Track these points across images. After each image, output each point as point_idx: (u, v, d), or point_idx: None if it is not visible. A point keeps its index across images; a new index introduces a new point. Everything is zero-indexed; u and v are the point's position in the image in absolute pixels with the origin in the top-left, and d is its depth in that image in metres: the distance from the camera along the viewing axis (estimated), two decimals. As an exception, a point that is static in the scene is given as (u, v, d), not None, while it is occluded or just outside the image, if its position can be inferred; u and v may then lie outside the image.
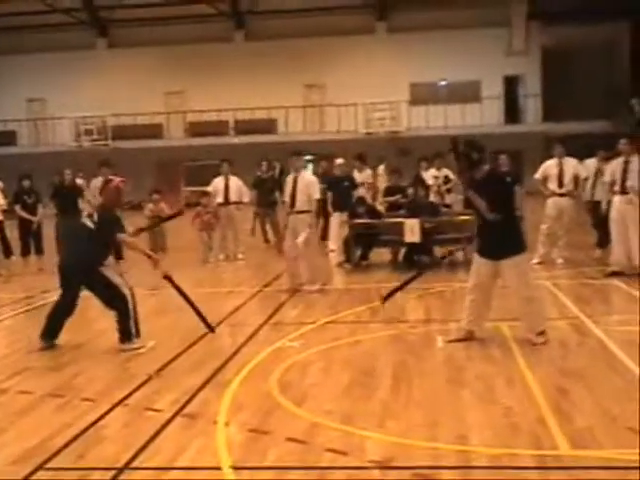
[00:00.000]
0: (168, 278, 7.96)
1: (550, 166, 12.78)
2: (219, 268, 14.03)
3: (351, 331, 8.13)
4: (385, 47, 35.29)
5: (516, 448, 4.62)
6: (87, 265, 7.65)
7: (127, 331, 7.61)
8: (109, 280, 7.73)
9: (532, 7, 33.82)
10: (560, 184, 12.53)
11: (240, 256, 14.73)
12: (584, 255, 13.01)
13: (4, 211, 13.85)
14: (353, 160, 16.12)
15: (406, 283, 8.84)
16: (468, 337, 7.34)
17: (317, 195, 10.92)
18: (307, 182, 10.83)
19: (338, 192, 14.32)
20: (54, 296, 11.29)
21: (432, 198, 14.01)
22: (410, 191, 13.12)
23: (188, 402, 5.80)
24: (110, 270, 7.90)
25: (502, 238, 7.10)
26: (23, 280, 13.23)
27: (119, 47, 36.77)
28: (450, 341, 7.35)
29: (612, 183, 10.86)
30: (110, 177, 9.50)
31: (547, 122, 33.15)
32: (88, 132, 34.76)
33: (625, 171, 10.62)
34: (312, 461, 4.59)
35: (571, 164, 12.72)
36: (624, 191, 10.57)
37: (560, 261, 12.45)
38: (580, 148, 13.28)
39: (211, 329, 8.01)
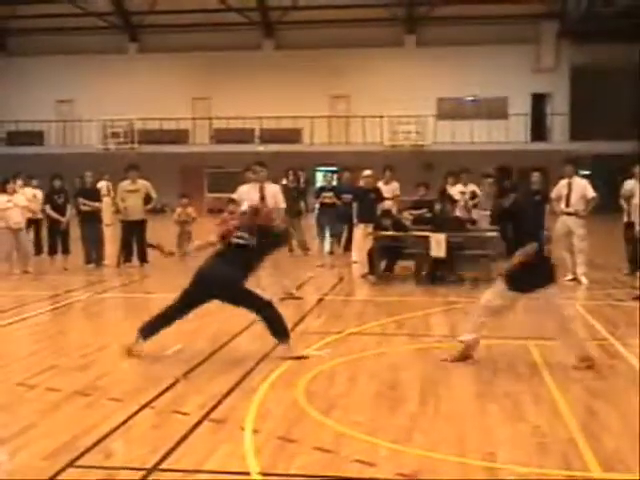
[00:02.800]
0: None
1: (561, 186, 13.01)
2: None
3: (376, 343, 8.13)
4: (413, 61, 35.36)
5: (545, 468, 4.59)
6: (231, 282, 7.54)
7: (280, 329, 7.48)
8: (249, 290, 7.64)
9: (563, 25, 33.78)
10: (567, 203, 12.71)
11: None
12: (611, 277, 12.95)
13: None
14: (381, 172, 16.09)
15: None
16: (469, 356, 7.20)
17: (284, 205, 11.54)
18: (275, 191, 11.35)
19: (364, 204, 14.34)
20: (80, 295, 11.53)
21: (458, 213, 13.97)
22: (437, 206, 13.10)
23: (215, 407, 5.82)
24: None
25: (531, 272, 6.85)
26: (49, 278, 13.35)
27: (149, 52, 37.04)
28: (451, 360, 7.17)
29: (643, 205, 10.81)
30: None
31: (574, 141, 33.06)
32: (115, 135, 35.05)
33: (653, 192, 10.57)
34: (339, 471, 4.58)
35: (580, 184, 12.87)
36: (654, 213, 10.52)
37: (585, 281, 12.44)
38: (606, 169, 13.30)
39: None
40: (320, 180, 33.10)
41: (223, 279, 7.49)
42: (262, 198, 11.00)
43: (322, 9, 34.18)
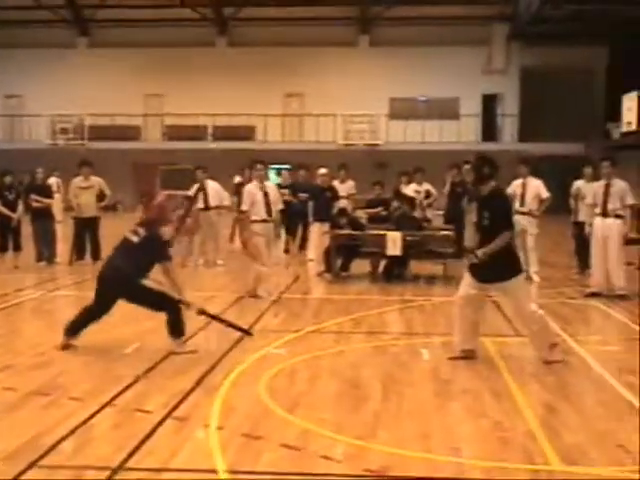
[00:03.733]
0: (203, 312, 7.88)
1: (516, 185, 13.28)
2: (198, 273, 13.98)
3: (335, 341, 8.15)
4: (366, 60, 35.49)
5: (508, 462, 4.68)
6: (126, 279, 7.46)
7: (178, 329, 7.54)
8: (150, 288, 7.55)
9: (513, 27, 34.23)
10: (522, 203, 12.98)
11: (219, 262, 14.71)
12: (562, 275, 13.19)
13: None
14: (336, 171, 16.14)
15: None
16: (469, 356, 7.25)
17: (281, 205, 11.48)
18: (276, 191, 11.16)
19: (320, 202, 14.38)
20: (32, 294, 11.35)
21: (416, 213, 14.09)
22: (395, 204, 13.20)
23: (178, 405, 5.79)
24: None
25: (498, 262, 6.98)
26: (0, 277, 13.11)
27: (100, 47, 36.49)
28: (451, 358, 7.23)
29: (594, 205, 11.01)
30: (160, 192, 9.26)
31: (523, 142, 33.54)
32: (64, 131, 34.52)
33: (606, 194, 10.78)
34: (307, 467, 4.60)
35: (534, 184, 13.13)
36: (605, 213, 10.72)
37: (536, 279, 12.65)
38: (555, 169, 13.60)
39: (249, 333, 8.11)
40: (273, 178, 33.09)
41: (114, 276, 7.50)
42: (266, 196, 10.85)
43: (277, 7, 34.10)
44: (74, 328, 7.62)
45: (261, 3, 34.14)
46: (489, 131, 35.34)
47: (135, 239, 7.56)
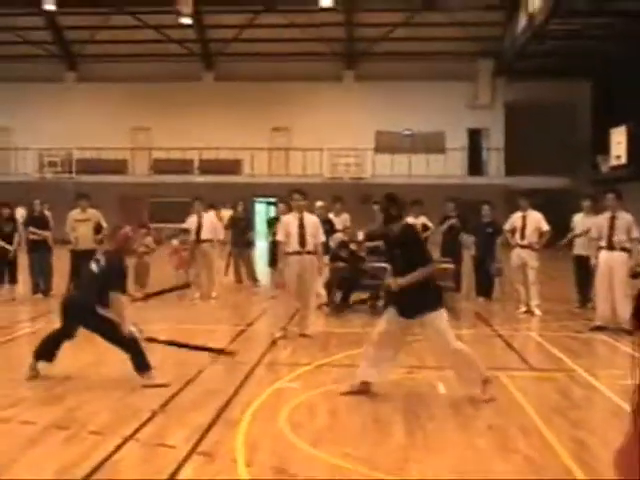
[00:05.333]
0: (152, 340, 7.80)
1: (516, 218, 13.37)
2: (195, 306, 13.85)
3: (348, 374, 7.99)
4: (352, 95, 35.70)
5: (548, 497, 4.62)
6: (84, 307, 7.49)
7: (143, 363, 7.43)
8: (110, 319, 7.51)
9: (498, 63, 34.64)
10: (522, 236, 13.05)
11: (214, 295, 14.60)
12: (563, 309, 13.19)
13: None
14: (332, 203, 16.12)
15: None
16: (364, 389, 7.09)
17: (323, 238, 10.94)
18: (315, 223, 10.73)
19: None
20: (30, 327, 11.19)
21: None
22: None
23: (200, 440, 5.70)
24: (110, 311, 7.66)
25: (417, 296, 6.85)
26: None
27: (88, 81, 36.50)
28: (344, 393, 7.08)
29: (598, 238, 11.03)
30: (122, 225, 9.26)
31: (509, 176, 33.78)
32: (52, 164, 34.38)
33: (612, 227, 10.81)
34: (345, 503, 4.53)
35: (534, 218, 13.18)
36: (611, 246, 10.75)
37: (538, 312, 12.66)
38: (541, 203, 13.71)
39: (228, 353, 7.97)
40: (261, 211, 33.23)
41: (74, 303, 7.64)
42: (301, 227, 10.43)
43: (263, 42, 34.36)
44: (41, 353, 7.71)
45: (248, 39, 34.34)
46: (475, 165, 35.58)
47: (95, 268, 7.65)
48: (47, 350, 7.72)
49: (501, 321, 12.06)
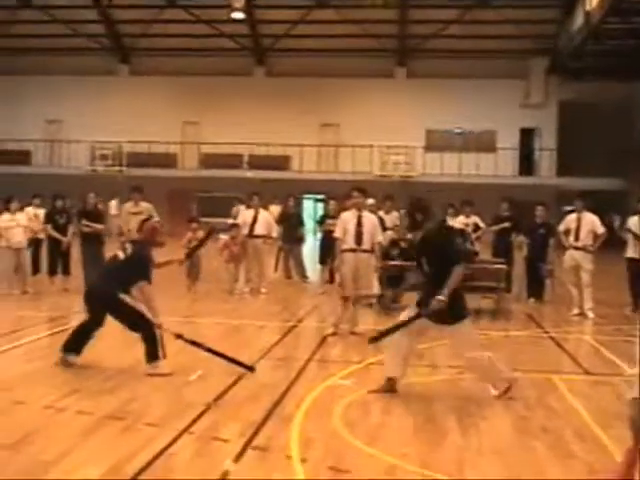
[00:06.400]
0: (180, 337, 7.77)
1: (571, 220, 13.22)
2: (245, 301, 13.92)
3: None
4: (403, 92, 35.54)
5: (609, 504, 4.54)
6: (108, 292, 7.70)
7: (154, 353, 7.62)
8: (131, 306, 7.68)
9: (552, 61, 34.20)
10: (576, 238, 12.88)
11: (263, 290, 14.65)
12: (616, 312, 12.97)
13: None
14: (382, 201, 16.06)
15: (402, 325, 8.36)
16: (392, 387, 7.04)
17: (381, 237, 10.88)
18: (374, 222, 10.67)
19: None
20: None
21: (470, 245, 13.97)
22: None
23: (255, 434, 5.71)
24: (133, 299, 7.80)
25: (450, 303, 6.75)
26: (51, 300, 13.22)
27: (140, 74, 36.97)
28: (372, 392, 7.02)
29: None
30: (149, 216, 9.52)
31: (561, 176, 33.38)
32: (103, 157, 34.85)
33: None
34: (401, 504, 4.50)
35: (589, 219, 13.02)
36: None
37: (591, 315, 12.49)
38: (594, 205, 13.50)
39: (250, 369, 7.63)
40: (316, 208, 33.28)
41: (99, 289, 7.89)
42: (359, 225, 10.35)
43: (314, 38, 34.38)
44: (70, 345, 7.91)
45: (299, 35, 34.39)
46: (526, 165, 35.19)
47: (122, 255, 7.93)
48: (76, 342, 7.94)
49: (553, 323, 11.91)
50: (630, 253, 13.11)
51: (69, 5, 34.13)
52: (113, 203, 16.90)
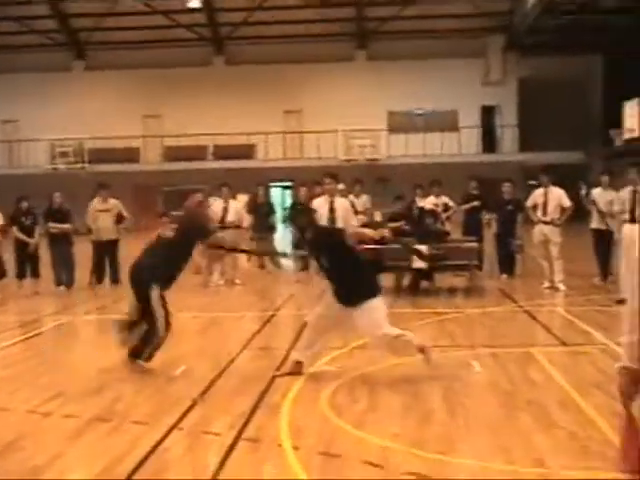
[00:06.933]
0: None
1: (538, 195, 13.37)
2: (221, 293, 13.91)
3: (382, 356, 8.01)
4: (364, 75, 35.56)
5: (598, 471, 4.62)
6: (146, 281, 7.52)
7: (144, 353, 7.49)
8: (164, 301, 7.61)
9: (509, 39, 34.43)
10: (544, 212, 13.05)
11: (238, 281, 14.64)
12: (586, 283, 13.17)
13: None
14: (352, 185, 16.09)
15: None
16: (297, 370, 7.16)
17: (354, 221, 10.97)
18: (346, 207, 10.76)
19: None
20: (59, 320, 11.24)
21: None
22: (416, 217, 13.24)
23: (245, 426, 5.72)
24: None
25: (350, 286, 6.99)
26: (22, 303, 13.09)
27: (96, 69, 36.54)
28: (280, 375, 7.17)
29: (622, 212, 11.02)
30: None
31: (523, 152, 33.69)
32: (64, 154, 34.43)
33: (634, 200, 10.79)
34: (396, 484, 4.56)
35: (556, 194, 13.20)
36: (634, 219, 10.72)
37: (562, 287, 12.67)
38: (556, 178, 13.66)
39: None
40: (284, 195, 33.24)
41: (140, 273, 7.62)
42: (332, 211, 10.55)
43: (272, 24, 34.28)
44: (139, 353, 7.54)
45: (257, 22, 34.23)
46: (489, 142, 35.48)
47: (170, 233, 7.79)
48: (146, 351, 7.55)
49: (526, 297, 12.06)
50: (595, 224, 13.32)
51: (19, 1, 33.59)
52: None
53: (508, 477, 4.61)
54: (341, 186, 14.85)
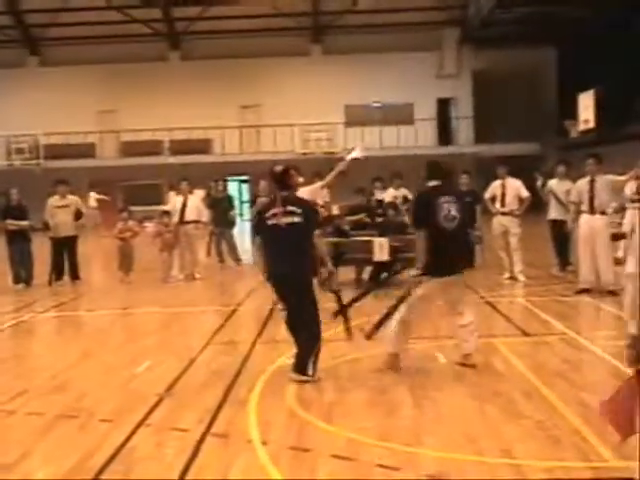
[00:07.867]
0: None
1: (496, 186, 13.50)
2: (181, 288, 13.83)
3: (346, 349, 8.08)
4: (320, 69, 35.61)
5: (566, 461, 4.70)
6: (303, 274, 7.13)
7: (305, 364, 6.73)
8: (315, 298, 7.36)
9: (463, 32, 34.71)
10: (502, 203, 13.21)
11: (197, 276, 14.59)
12: (545, 273, 13.35)
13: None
14: (312, 179, 16.05)
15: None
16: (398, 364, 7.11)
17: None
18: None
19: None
20: (18, 317, 11.07)
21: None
22: (379, 210, 13.28)
23: (212, 421, 5.72)
24: None
25: None
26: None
27: (51, 65, 36.03)
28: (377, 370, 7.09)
29: (579, 203, 11.17)
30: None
31: (479, 144, 34.00)
32: (19, 151, 33.93)
33: (592, 190, 10.94)
34: (367, 476, 4.58)
35: (514, 185, 13.33)
36: (592, 210, 10.88)
37: (522, 278, 12.81)
38: (512, 170, 13.82)
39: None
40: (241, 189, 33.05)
41: (293, 273, 7.12)
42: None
43: (228, 19, 34.09)
44: (305, 364, 6.77)
45: (213, 17, 34.02)
46: (445, 135, 35.75)
47: (297, 219, 6.74)
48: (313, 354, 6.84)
49: (487, 288, 12.15)
50: (552, 215, 13.47)
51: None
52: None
53: (475, 468, 4.67)
54: (301, 180, 14.84)
